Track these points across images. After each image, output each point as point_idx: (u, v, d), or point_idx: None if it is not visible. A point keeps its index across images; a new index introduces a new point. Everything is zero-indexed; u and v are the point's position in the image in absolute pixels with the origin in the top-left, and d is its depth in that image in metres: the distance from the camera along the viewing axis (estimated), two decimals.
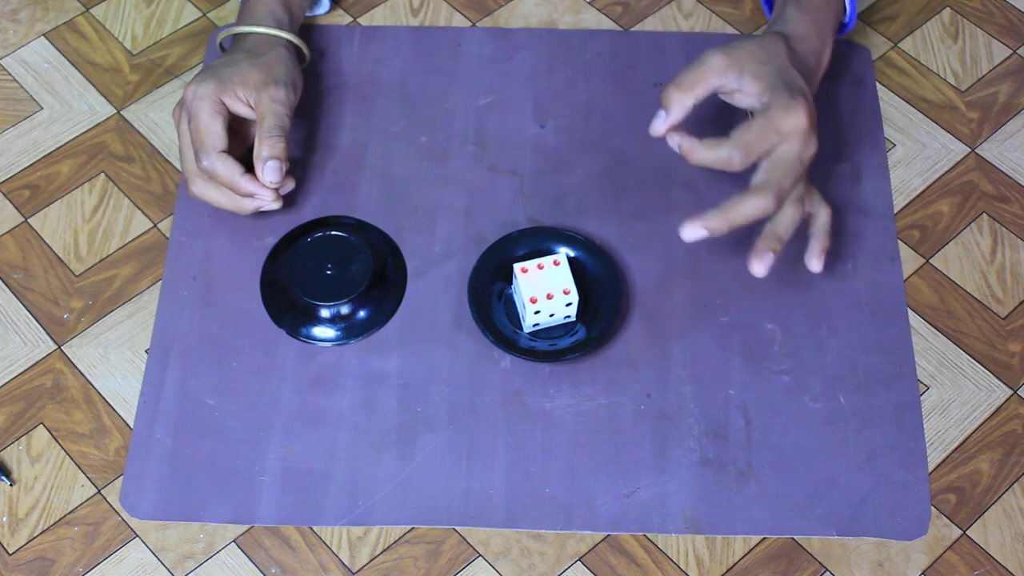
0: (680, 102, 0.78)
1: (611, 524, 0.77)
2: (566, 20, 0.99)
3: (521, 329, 0.82)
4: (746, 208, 0.75)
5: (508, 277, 0.83)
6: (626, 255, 0.86)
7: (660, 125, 0.79)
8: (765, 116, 0.76)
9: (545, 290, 0.80)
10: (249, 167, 0.82)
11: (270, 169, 0.81)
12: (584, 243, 0.84)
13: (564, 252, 0.84)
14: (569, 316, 0.82)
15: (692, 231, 0.75)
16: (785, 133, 0.76)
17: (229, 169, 0.81)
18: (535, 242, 0.85)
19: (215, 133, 0.81)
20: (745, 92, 0.78)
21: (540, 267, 0.81)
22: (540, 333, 0.82)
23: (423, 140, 0.92)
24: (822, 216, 0.80)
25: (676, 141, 0.78)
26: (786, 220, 0.77)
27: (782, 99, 0.76)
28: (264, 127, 0.82)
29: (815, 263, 0.79)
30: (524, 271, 0.80)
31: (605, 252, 0.85)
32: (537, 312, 0.80)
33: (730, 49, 0.78)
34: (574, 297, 0.80)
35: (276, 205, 0.83)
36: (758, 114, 0.77)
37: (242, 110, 0.83)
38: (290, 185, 0.84)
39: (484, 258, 0.84)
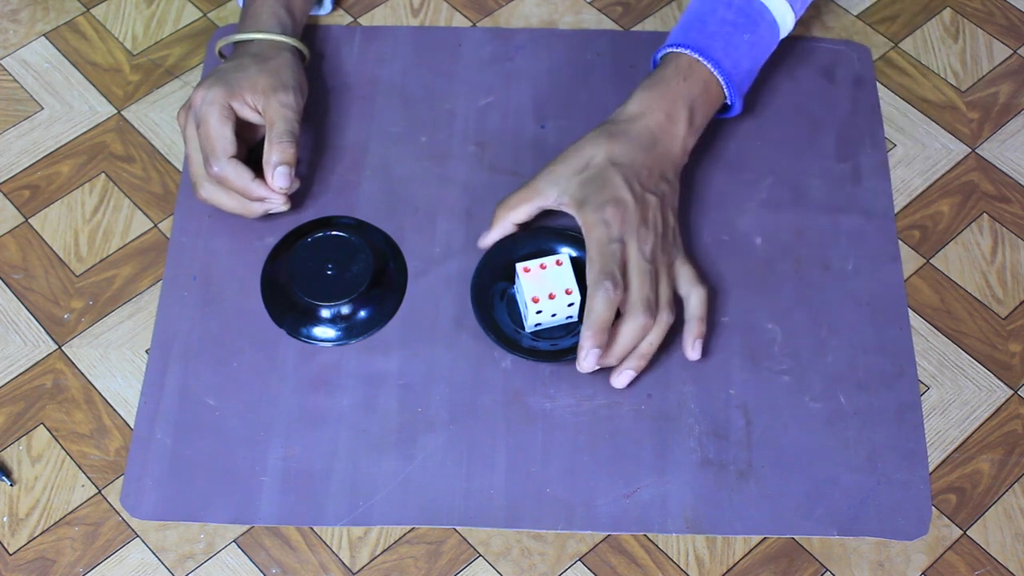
0: (504, 219, 0.83)
1: (611, 524, 0.77)
2: (566, 20, 0.98)
3: (523, 329, 0.82)
4: (625, 340, 0.78)
5: (510, 277, 0.83)
6: None
7: (484, 241, 0.84)
8: (588, 239, 0.78)
9: (547, 290, 0.80)
10: (251, 169, 0.82)
11: (280, 175, 0.82)
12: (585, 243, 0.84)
13: (566, 252, 0.84)
14: (571, 316, 0.82)
15: (621, 379, 0.79)
16: (615, 240, 0.77)
17: (240, 175, 0.81)
18: (537, 242, 0.85)
19: (225, 138, 0.81)
20: (567, 212, 0.81)
21: (542, 267, 0.81)
22: (542, 333, 0.82)
23: (423, 140, 0.92)
24: (693, 300, 0.81)
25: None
26: (652, 337, 0.79)
27: (591, 216, 0.78)
28: (274, 132, 0.82)
29: (691, 352, 0.81)
30: (526, 271, 0.80)
31: None
32: (539, 312, 0.80)
33: (551, 168, 0.82)
34: (576, 297, 0.80)
35: (285, 207, 0.84)
36: (585, 236, 0.79)
37: (250, 115, 0.83)
38: (296, 185, 0.84)
39: (486, 258, 0.84)
